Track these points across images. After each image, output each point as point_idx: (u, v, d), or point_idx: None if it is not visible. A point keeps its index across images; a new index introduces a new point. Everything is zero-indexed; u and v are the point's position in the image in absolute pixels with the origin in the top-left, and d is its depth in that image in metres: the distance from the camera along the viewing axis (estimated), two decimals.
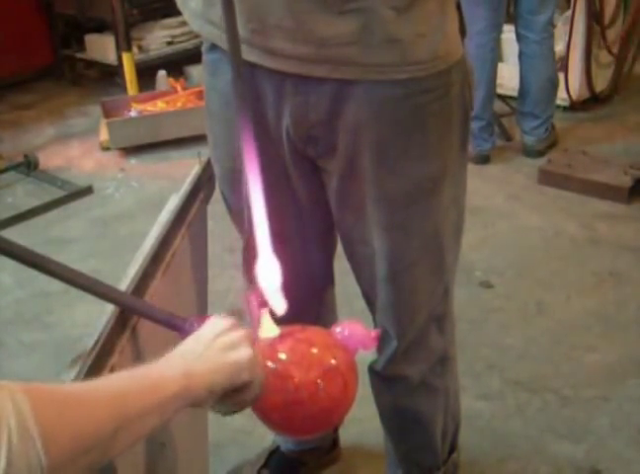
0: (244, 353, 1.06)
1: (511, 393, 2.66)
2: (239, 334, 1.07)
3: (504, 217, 3.67)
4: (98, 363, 1.05)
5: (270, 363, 1.16)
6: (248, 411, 1.13)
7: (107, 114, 4.73)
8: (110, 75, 5.54)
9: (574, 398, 2.63)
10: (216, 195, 1.56)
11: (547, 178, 3.97)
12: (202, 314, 1.59)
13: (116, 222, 3.91)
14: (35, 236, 3.81)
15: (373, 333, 1.24)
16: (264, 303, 1.23)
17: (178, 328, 1.17)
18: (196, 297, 1.57)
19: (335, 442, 2.39)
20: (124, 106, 4.83)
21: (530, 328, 2.97)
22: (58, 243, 3.74)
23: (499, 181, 4.04)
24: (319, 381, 1.17)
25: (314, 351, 1.21)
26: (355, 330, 1.24)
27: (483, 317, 3.00)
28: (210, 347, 1.04)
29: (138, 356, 1.17)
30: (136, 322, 1.17)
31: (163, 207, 1.39)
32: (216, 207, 1.79)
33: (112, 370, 1.09)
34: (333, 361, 1.21)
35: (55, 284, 3.49)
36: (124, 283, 1.18)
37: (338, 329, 1.25)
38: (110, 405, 0.90)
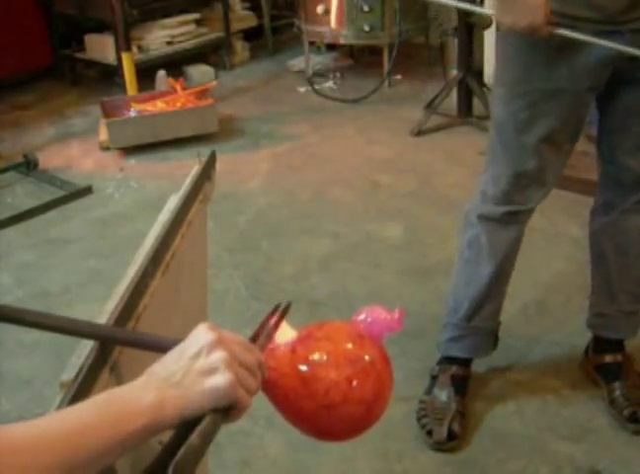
0: (222, 379, 0.95)
1: (511, 393, 2.66)
2: (219, 355, 0.97)
3: None
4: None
5: (293, 368, 1.08)
6: (248, 412, 1.11)
7: (106, 114, 4.73)
8: (109, 75, 5.54)
9: (574, 398, 2.63)
10: (216, 195, 1.56)
11: None
12: (202, 314, 1.59)
13: (115, 222, 3.91)
14: (34, 236, 3.82)
15: (397, 313, 1.14)
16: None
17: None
18: (195, 297, 1.57)
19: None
20: (124, 106, 4.83)
21: (531, 328, 2.97)
22: (58, 243, 3.74)
23: None
24: (351, 379, 1.07)
25: (340, 347, 1.11)
26: (377, 314, 1.14)
27: None
28: (188, 372, 0.95)
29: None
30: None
31: (162, 207, 1.39)
32: (216, 207, 1.79)
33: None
34: (363, 356, 1.10)
35: (55, 284, 3.51)
36: (124, 283, 1.18)
37: (360, 317, 1.14)
38: (61, 448, 0.83)
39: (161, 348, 1.05)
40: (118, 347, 1.10)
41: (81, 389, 0.99)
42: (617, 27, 2.06)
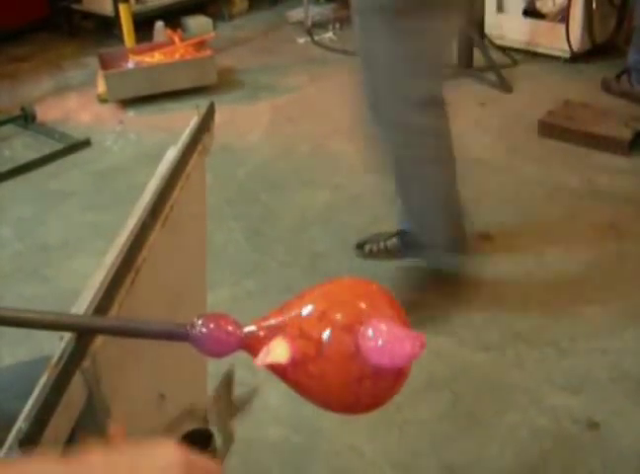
0: None
1: (509, 345, 2.67)
2: None
3: (504, 169, 3.65)
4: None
5: (307, 342, 0.96)
6: (247, 363, 1.10)
7: (104, 65, 4.70)
8: (107, 26, 5.50)
9: (573, 350, 2.64)
10: (214, 147, 1.55)
11: (548, 130, 3.95)
12: (201, 266, 1.59)
13: (114, 174, 3.90)
14: (33, 189, 3.81)
15: (417, 337, 0.90)
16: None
17: (182, 337, 0.98)
18: (194, 249, 1.57)
19: None
20: (122, 57, 4.79)
21: (530, 280, 2.97)
22: (57, 196, 3.74)
23: (499, 133, 4.02)
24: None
25: (357, 307, 0.95)
26: (390, 337, 0.91)
27: (482, 269, 3.00)
28: None
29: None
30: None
31: (161, 159, 1.38)
32: (215, 160, 1.78)
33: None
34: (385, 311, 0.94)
35: (54, 237, 3.51)
36: (123, 236, 1.17)
37: (368, 334, 0.92)
38: None
39: (144, 334, 1.02)
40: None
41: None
42: None
